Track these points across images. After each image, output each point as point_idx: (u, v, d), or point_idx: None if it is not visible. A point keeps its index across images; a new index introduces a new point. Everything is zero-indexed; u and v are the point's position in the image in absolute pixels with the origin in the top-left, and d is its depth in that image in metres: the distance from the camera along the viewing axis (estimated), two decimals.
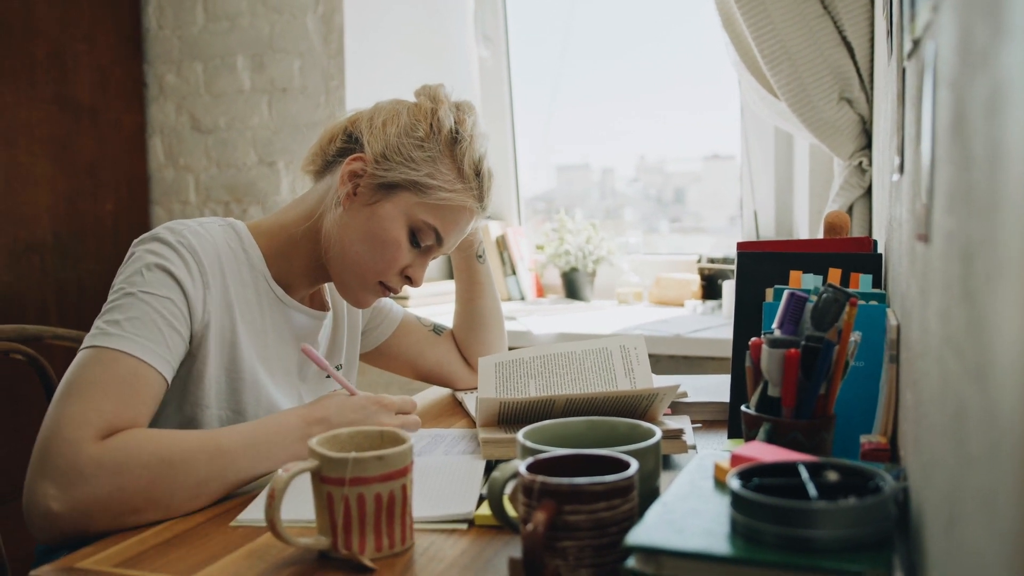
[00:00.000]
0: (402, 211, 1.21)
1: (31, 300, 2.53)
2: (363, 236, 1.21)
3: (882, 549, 0.65)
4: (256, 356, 1.20)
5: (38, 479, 0.95)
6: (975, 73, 0.44)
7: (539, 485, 0.75)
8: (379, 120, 1.23)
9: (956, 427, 0.50)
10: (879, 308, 1.06)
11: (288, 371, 1.27)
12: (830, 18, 1.93)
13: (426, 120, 1.23)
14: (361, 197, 1.22)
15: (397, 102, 1.27)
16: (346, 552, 0.85)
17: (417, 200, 1.21)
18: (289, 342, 1.27)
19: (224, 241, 1.19)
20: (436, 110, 1.24)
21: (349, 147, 1.25)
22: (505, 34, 2.95)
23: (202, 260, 1.13)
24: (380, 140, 1.21)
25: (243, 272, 1.20)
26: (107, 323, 1.05)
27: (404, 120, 1.23)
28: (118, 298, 1.08)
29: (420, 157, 1.21)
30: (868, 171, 1.95)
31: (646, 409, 1.16)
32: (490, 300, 1.55)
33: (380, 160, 1.21)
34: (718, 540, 0.68)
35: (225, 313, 1.16)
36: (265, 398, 1.21)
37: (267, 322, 1.23)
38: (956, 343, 0.50)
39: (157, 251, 1.11)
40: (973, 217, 0.44)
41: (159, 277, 1.09)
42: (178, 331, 1.09)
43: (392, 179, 1.21)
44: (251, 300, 1.21)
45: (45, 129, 2.56)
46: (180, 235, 1.13)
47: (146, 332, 1.05)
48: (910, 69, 0.87)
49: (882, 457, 0.92)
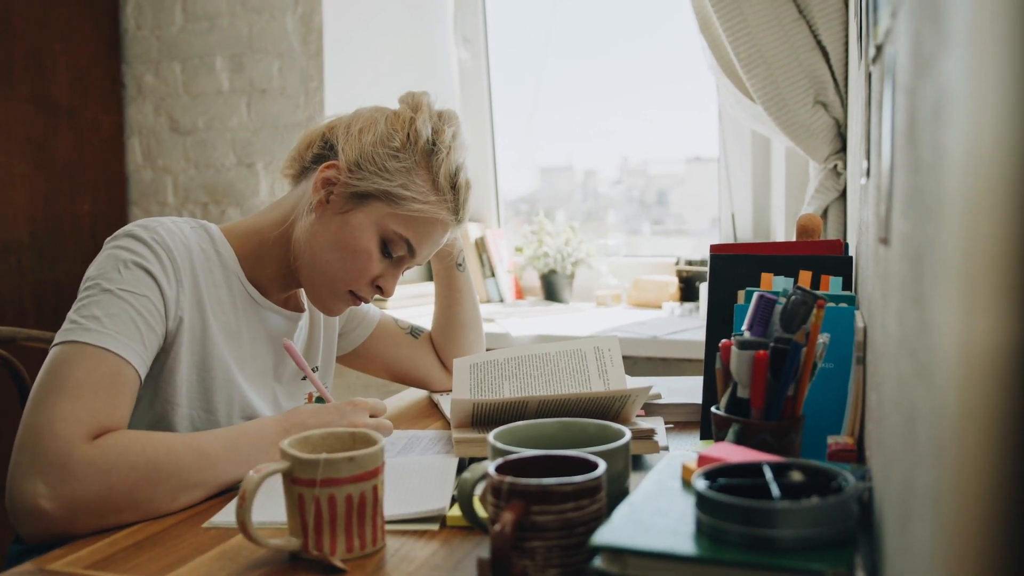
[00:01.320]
0: (373, 221, 1.20)
1: (8, 301, 2.51)
2: (333, 244, 1.21)
3: (844, 548, 0.66)
4: (229, 356, 1.20)
5: (27, 475, 0.95)
6: (924, 79, 0.45)
7: (507, 486, 0.75)
8: (356, 127, 1.23)
9: (909, 427, 0.51)
10: (848, 310, 1.08)
11: (263, 372, 1.27)
12: (805, 22, 1.95)
13: (403, 130, 1.22)
14: (334, 205, 1.21)
15: (377, 109, 1.27)
16: (317, 553, 0.85)
17: (389, 211, 1.20)
18: (264, 342, 1.27)
19: (196, 241, 1.18)
20: (414, 119, 1.23)
21: (325, 154, 1.25)
22: (485, 36, 2.95)
23: (175, 257, 1.13)
24: (355, 148, 1.21)
25: (216, 272, 1.20)
26: (86, 318, 1.05)
27: (381, 129, 1.22)
28: (95, 294, 1.07)
29: (394, 167, 1.20)
30: (843, 174, 1.97)
31: (619, 410, 1.17)
32: (469, 307, 1.55)
33: (354, 169, 1.20)
34: (683, 540, 0.68)
35: (196, 312, 1.16)
36: (238, 398, 1.21)
37: (241, 322, 1.23)
38: (909, 344, 0.51)
39: (133, 248, 1.11)
40: (923, 220, 0.45)
41: (137, 275, 1.09)
42: (154, 330, 1.09)
43: (365, 188, 1.20)
44: (224, 300, 1.20)
45: (22, 129, 2.55)
46: (154, 232, 1.13)
47: (125, 330, 1.05)
48: (875, 74, 0.88)
49: (848, 458, 0.93)
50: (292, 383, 1.33)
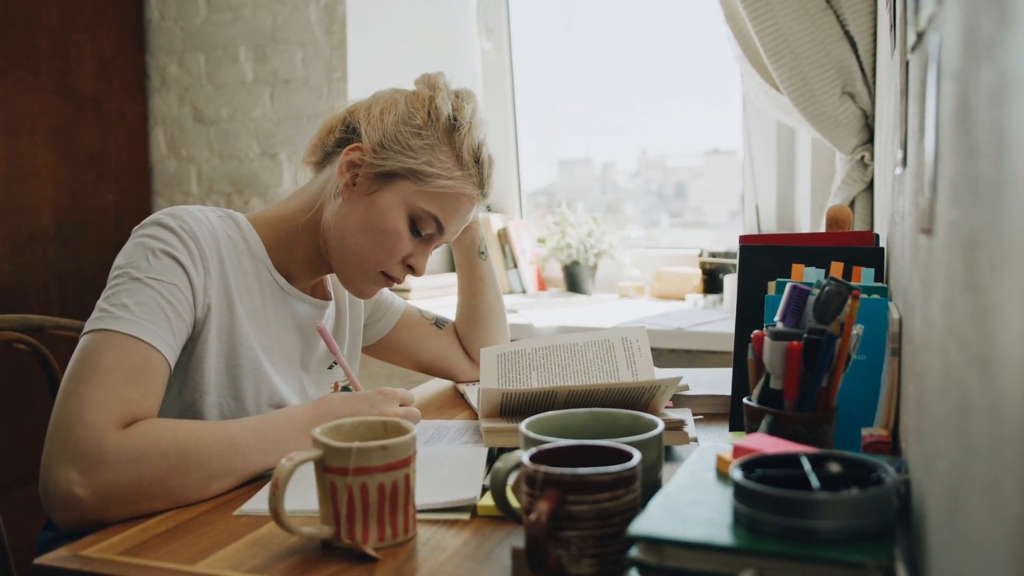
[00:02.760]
0: (401, 200, 1.21)
1: (33, 290, 2.53)
2: (363, 226, 1.21)
3: (883, 540, 0.65)
4: (257, 344, 1.20)
5: (60, 464, 0.95)
6: (980, 64, 0.44)
7: (542, 475, 0.75)
8: (376, 109, 1.23)
9: (959, 417, 0.50)
10: (881, 302, 1.07)
11: (291, 360, 1.27)
12: (833, 12, 1.93)
13: (423, 108, 1.22)
14: (360, 187, 1.22)
15: (395, 91, 1.27)
16: (349, 541, 0.85)
17: (416, 188, 1.21)
18: (291, 330, 1.27)
19: (223, 229, 1.19)
20: (434, 98, 1.23)
21: (347, 137, 1.25)
22: (507, 26, 2.95)
23: (202, 246, 1.13)
24: (378, 129, 1.21)
25: (243, 260, 1.20)
26: (115, 306, 1.05)
27: (402, 108, 1.22)
28: (124, 282, 1.08)
29: (418, 145, 1.21)
30: (870, 165, 1.95)
31: (648, 401, 1.16)
32: (492, 295, 1.55)
33: (378, 149, 1.21)
34: (720, 530, 0.68)
35: (224, 300, 1.16)
36: (266, 386, 1.21)
37: (269, 310, 1.23)
38: (959, 333, 0.50)
39: (161, 236, 1.11)
40: (977, 207, 0.45)
41: (165, 263, 1.09)
42: (183, 318, 1.09)
43: (390, 168, 1.20)
44: (252, 288, 1.21)
45: (47, 120, 2.56)
46: (181, 220, 1.13)
47: (155, 318, 1.05)
48: (914, 62, 0.87)
49: (884, 450, 0.92)
50: (319, 371, 1.33)
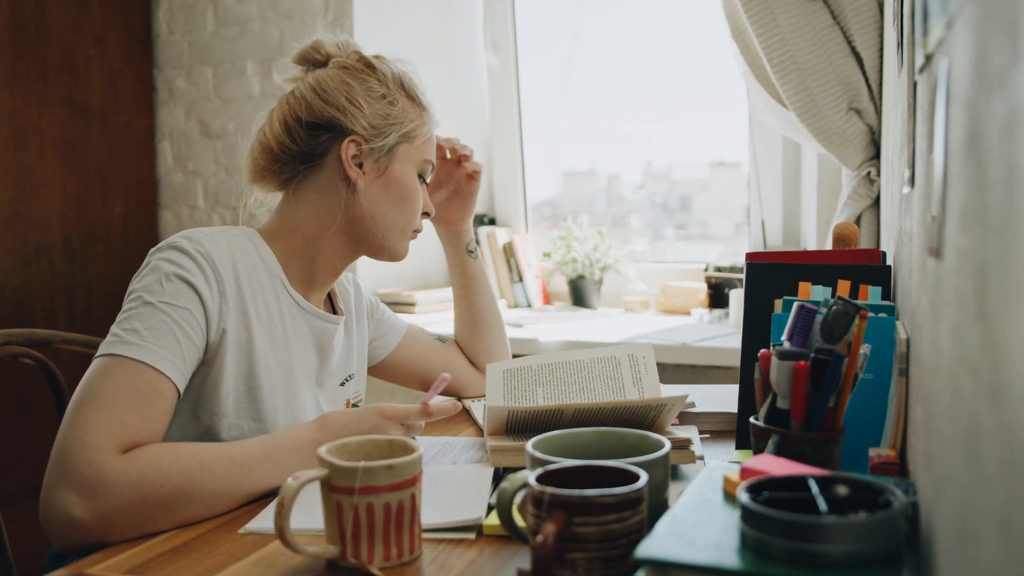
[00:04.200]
0: (408, 162, 1.29)
1: (40, 303, 2.53)
2: (391, 201, 1.28)
3: (892, 564, 0.65)
4: (276, 363, 1.20)
5: (59, 486, 0.96)
6: (991, 93, 0.44)
7: (549, 496, 0.75)
8: (337, 100, 1.24)
9: (969, 445, 0.50)
10: (888, 320, 1.06)
11: (308, 377, 1.27)
12: (839, 29, 1.94)
13: (373, 78, 1.27)
14: (369, 171, 1.26)
15: (318, 80, 1.27)
16: (355, 561, 0.85)
17: (411, 147, 1.29)
18: (309, 347, 1.27)
19: (241, 249, 1.19)
20: (371, 63, 1.28)
21: (312, 144, 1.25)
22: (514, 39, 2.95)
23: (219, 269, 1.13)
24: (359, 115, 1.25)
25: (261, 278, 1.20)
26: (126, 331, 1.05)
27: (358, 88, 1.26)
28: (136, 307, 1.08)
29: (394, 112, 1.27)
30: (876, 181, 1.95)
31: (654, 419, 1.16)
32: (486, 296, 1.57)
33: (371, 132, 1.25)
34: (727, 553, 0.68)
35: (242, 322, 1.16)
36: (284, 405, 1.21)
37: (288, 328, 1.23)
38: (970, 362, 0.50)
39: (176, 260, 1.11)
40: (988, 237, 0.44)
41: (178, 287, 1.09)
42: (194, 342, 1.09)
43: (389, 143, 1.27)
44: (271, 306, 1.21)
45: (55, 132, 2.57)
46: (198, 243, 1.13)
47: (165, 343, 1.05)
48: (922, 83, 0.87)
49: (891, 471, 0.92)
50: (332, 388, 1.33)
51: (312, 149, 1.25)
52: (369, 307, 1.46)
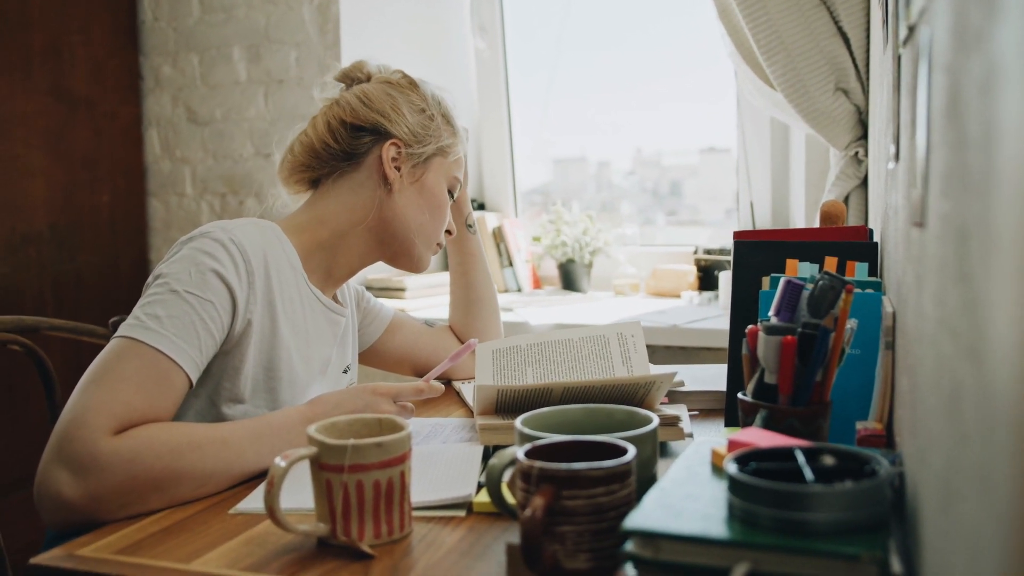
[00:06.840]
0: (441, 175, 1.35)
1: (28, 292, 2.53)
2: (422, 207, 1.33)
3: (878, 532, 0.66)
4: (296, 355, 1.22)
5: (53, 465, 0.96)
6: (969, 55, 0.44)
7: (537, 471, 0.75)
8: (385, 107, 1.31)
9: (951, 407, 0.50)
10: (875, 296, 1.07)
11: (323, 368, 1.30)
12: (826, 8, 1.94)
13: (416, 94, 1.34)
14: (405, 176, 1.31)
15: (359, 94, 1.33)
16: (345, 539, 0.85)
17: (446, 162, 1.36)
18: (324, 338, 1.29)
19: (269, 241, 1.20)
20: (413, 83, 1.36)
21: (355, 143, 1.30)
22: (501, 25, 2.94)
23: (250, 260, 1.14)
24: (403, 123, 1.30)
25: (285, 271, 1.22)
26: (148, 316, 1.06)
27: (403, 101, 1.32)
28: (162, 292, 1.08)
29: (434, 127, 1.34)
30: (864, 161, 1.96)
31: (643, 397, 1.17)
32: (483, 273, 1.59)
33: (412, 140, 1.30)
34: (715, 524, 0.68)
35: (267, 313, 1.17)
36: (301, 395, 1.23)
37: (308, 321, 1.25)
38: (950, 324, 0.50)
39: (208, 250, 1.11)
40: (968, 198, 0.45)
41: (207, 279, 1.09)
42: (213, 335, 1.09)
43: (427, 152, 1.33)
44: (294, 299, 1.23)
45: (41, 121, 2.56)
46: (231, 233, 1.14)
47: (184, 333, 1.06)
48: (905, 56, 0.87)
49: (878, 443, 0.93)
50: (335, 376, 1.36)
51: (354, 149, 1.30)
52: (356, 296, 1.48)
